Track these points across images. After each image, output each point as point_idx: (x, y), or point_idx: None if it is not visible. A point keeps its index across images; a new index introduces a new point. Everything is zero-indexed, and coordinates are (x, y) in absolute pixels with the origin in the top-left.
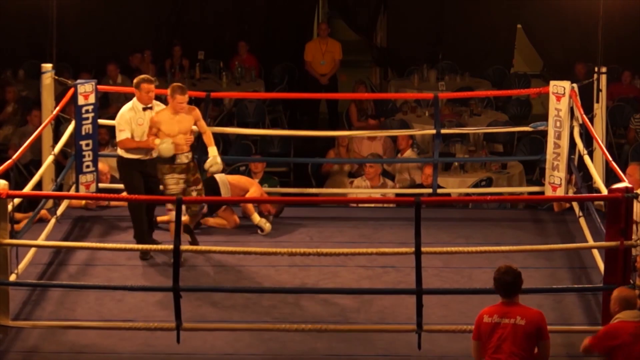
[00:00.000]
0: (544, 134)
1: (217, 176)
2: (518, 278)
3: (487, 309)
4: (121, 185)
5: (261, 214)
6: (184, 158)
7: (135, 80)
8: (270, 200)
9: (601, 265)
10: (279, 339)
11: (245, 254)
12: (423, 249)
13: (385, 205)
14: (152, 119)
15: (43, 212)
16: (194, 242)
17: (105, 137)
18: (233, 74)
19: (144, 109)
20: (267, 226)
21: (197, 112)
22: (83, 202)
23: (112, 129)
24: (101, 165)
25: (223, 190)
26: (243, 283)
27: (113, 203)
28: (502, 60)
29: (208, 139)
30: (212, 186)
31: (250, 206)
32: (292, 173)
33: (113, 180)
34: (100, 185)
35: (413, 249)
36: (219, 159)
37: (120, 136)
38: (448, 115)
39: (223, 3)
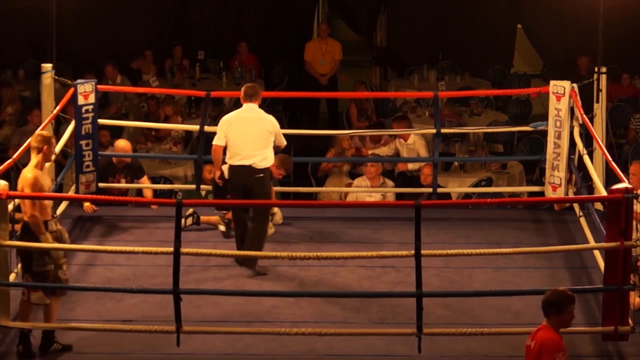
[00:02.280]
0: (544, 134)
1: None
2: (550, 301)
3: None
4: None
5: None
6: (53, 224)
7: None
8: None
9: (602, 265)
10: (279, 339)
11: (246, 257)
12: (423, 252)
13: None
14: (36, 175)
15: None
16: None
17: (107, 139)
18: (233, 74)
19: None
20: (270, 230)
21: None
22: (89, 205)
23: (113, 131)
24: (123, 143)
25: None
26: (243, 282)
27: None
28: (502, 60)
29: None
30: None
31: None
32: (292, 173)
33: (134, 165)
34: (102, 185)
35: (413, 252)
36: None
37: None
38: (448, 115)
39: (223, 3)
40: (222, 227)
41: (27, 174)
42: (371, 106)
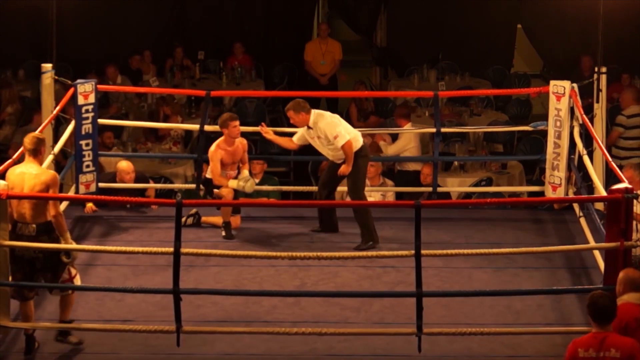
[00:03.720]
0: (544, 133)
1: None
2: (614, 303)
3: (579, 340)
4: (121, 185)
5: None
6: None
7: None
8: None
9: (602, 265)
10: (279, 339)
11: (246, 257)
12: (423, 252)
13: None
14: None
15: None
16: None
17: (111, 140)
18: (233, 74)
19: (308, 128)
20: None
21: None
22: (90, 206)
23: (116, 131)
24: (125, 164)
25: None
26: (243, 283)
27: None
28: (502, 60)
29: None
30: (209, 183)
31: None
32: (292, 173)
33: (139, 179)
34: (107, 185)
35: (413, 252)
36: None
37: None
38: (448, 115)
39: (223, 3)
40: (222, 232)
41: (43, 176)
42: (371, 106)
